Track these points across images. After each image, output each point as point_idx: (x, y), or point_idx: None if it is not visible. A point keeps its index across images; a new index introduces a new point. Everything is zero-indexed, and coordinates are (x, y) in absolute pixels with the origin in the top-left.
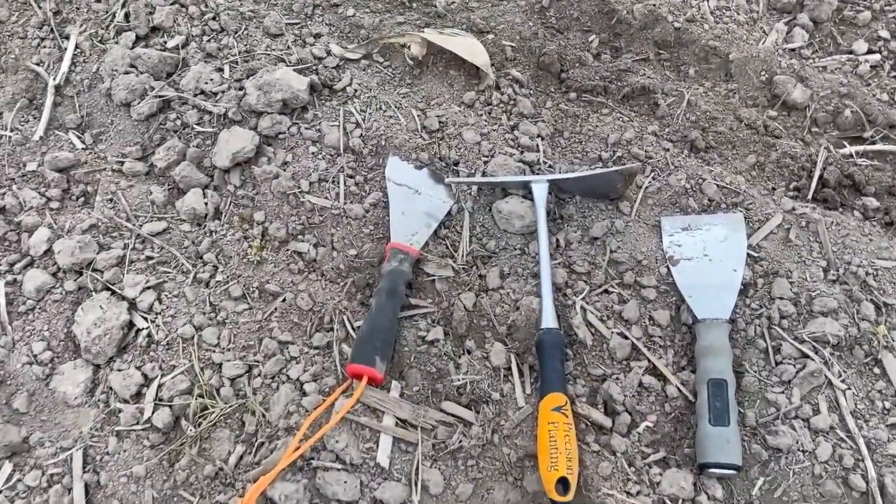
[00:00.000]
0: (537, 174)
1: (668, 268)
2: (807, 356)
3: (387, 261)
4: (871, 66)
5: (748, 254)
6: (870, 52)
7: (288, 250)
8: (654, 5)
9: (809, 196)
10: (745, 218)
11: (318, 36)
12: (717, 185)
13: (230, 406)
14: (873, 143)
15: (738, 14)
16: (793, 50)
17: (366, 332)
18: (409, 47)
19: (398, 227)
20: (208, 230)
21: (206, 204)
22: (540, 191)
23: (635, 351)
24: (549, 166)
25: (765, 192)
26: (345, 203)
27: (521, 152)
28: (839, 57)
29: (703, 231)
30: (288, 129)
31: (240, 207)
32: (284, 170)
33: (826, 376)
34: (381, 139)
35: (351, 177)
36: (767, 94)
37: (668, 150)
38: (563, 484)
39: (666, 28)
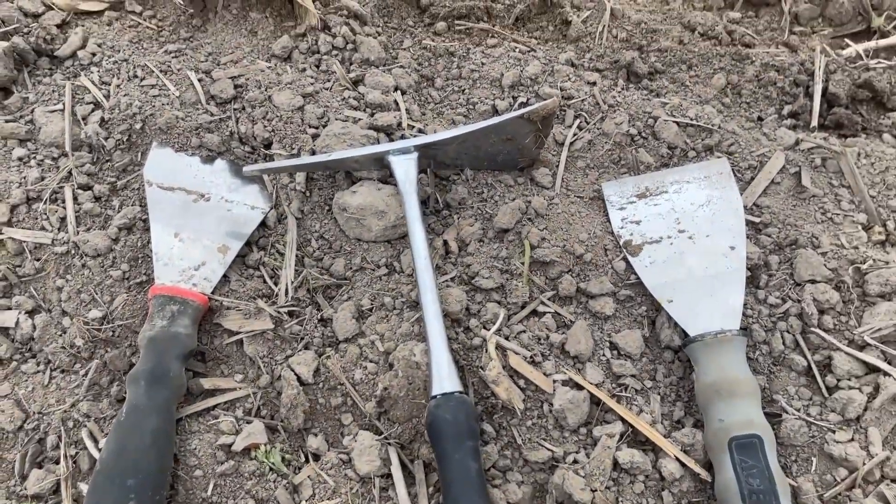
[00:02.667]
0: (398, 141)
1: (626, 260)
2: (876, 369)
3: (148, 319)
4: None
5: (746, 220)
6: None
7: None
8: None
9: (814, 122)
10: (731, 165)
11: None
12: (678, 123)
13: None
14: (885, 35)
15: None
16: None
17: (109, 463)
18: None
19: (168, 259)
20: None
21: None
22: (404, 167)
23: (597, 407)
24: (419, 130)
25: (749, 124)
26: (76, 233)
27: (371, 114)
28: None
29: (670, 194)
30: None
31: None
32: None
33: None
34: (135, 121)
35: (86, 188)
36: None
37: (594, 83)
38: None
39: None
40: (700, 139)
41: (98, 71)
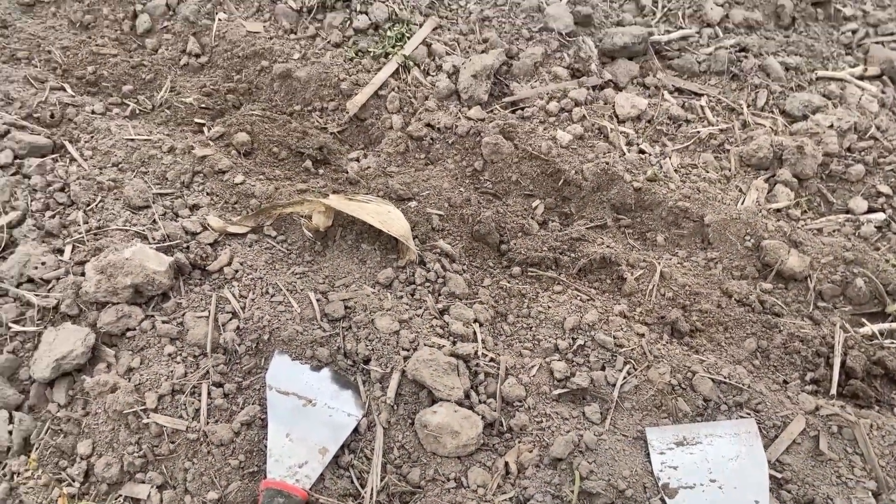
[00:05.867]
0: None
1: (662, 501)
2: None
3: None
4: (875, 227)
5: (769, 475)
6: (870, 210)
7: (119, 497)
8: (608, 164)
9: (833, 390)
10: (757, 422)
11: (195, 207)
12: (713, 380)
13: None
14: None
15: (708, 171)
16: (778, 210)
17: None
18: (309, 218)
19: (279, 456)
20: (8, 471)
21: (10, 433)
22: None
23: None
24: (491, 360)
25: (775, 386)
26: (206, 423)
27: (454, 342)
28: (835, 217)
29: (704, 445)
30: (139, 323)
31: (60, 436)
32: (128, 380)
33: None
34: (263, 332)
35: (219, 385)
36: (756, 263)
37: (642, 335)
38: None
39: (624, 189)
40: (732, 395)
41: (238, 285)
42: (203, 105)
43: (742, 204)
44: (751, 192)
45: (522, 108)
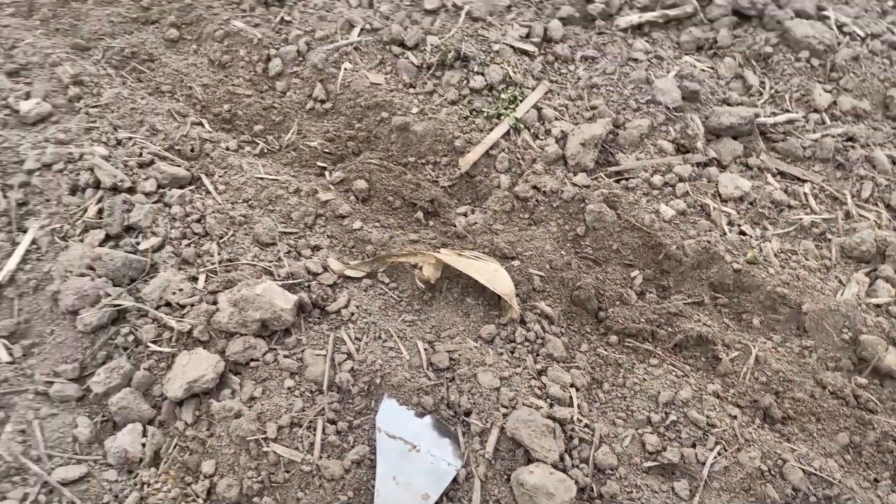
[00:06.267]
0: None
1: None
2: None
3: None
4: None
5: None
6: None
7: None
8: (709, 242)
9: None
10: None
11: (316, 248)
12: (804, 471)
13: None
14: None
15: (808, 259)
16: (878, 306)
17: None
18: (420, 268)
19: (386, 498)
20: (139, 481)
21: (143, 446)
22: None
23: None
24: (585, 426)
25: (866, 484)
26: (320, 457)
27: (551, 405)
28: None
29: None
30: (263, 355)
31: (186, 452)
32: (249, 408)
33: None
34: (375, 376)
35: (332, 422)
36: (853, 357)
37: (735, 417)
38: None
39: (723, 269)
40: (821, 488)
41: (353, 328)
42: (326, 150)
43: (841, 295)
44: (851, 285)
45: (627, 179)
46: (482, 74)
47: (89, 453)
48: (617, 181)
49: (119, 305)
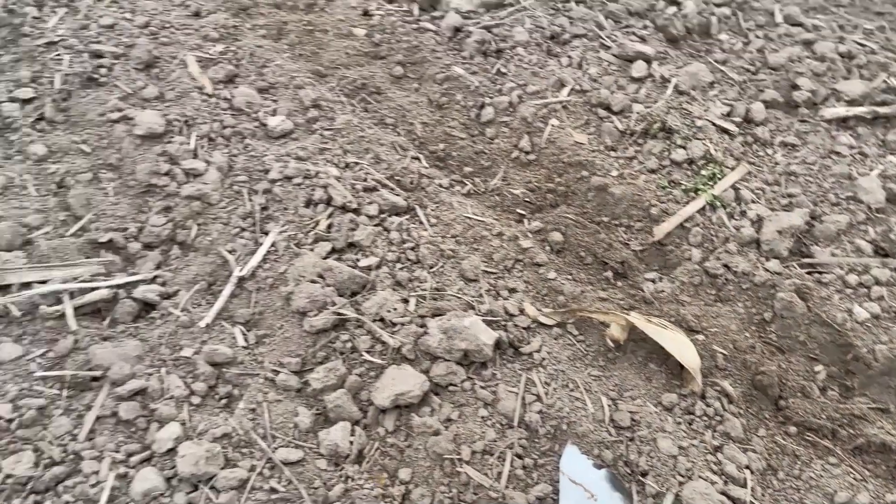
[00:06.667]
0: None
1: None
2: None
3: None
4: None
5: None
6: None
7: None
8: None
9: None
10: None
11: (513, 291)
12: None
13: None
14: None
15: None
16: None
17: None
18: (609, 326)
19: None
20: (345, 475)
21: (351, 443)
22: None
23: None
24: None
25: None
26: (506, 486)
27: (726, 482)
28: None
29: None
30: (461, 382)
31: (386, 457)
32: (446, 428)
33: None
34: (562, 422)
35: (520, 457)
36: None
37: None
38: None
39: None
40: None
41: (543, 373)
42: (526, 198)
43: None
44: None
45: (820, 273)
46: (684, 148)
47: (306, 441)
48: (810, 273)
49: (342, 315)
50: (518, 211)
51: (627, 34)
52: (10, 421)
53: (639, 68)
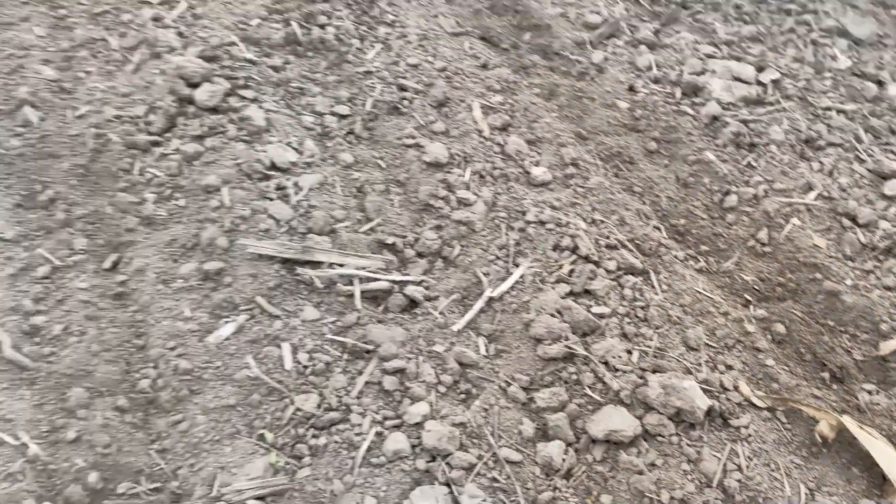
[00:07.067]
0: None
1: None
2: None
3: None
4: None
5: None
6: None
7: None
8: None
9: None
10: None
11: (729, 367)
12: None
13: None
14: None
15: None
16: None
17: None
18: (819, 423)
19: None
20: (554, 485)
21: (563, 460)
22: None
23: None
24: None
25: None
26: None
27: None
28: None
29: None
30: (670, 435)
31: (591, 481)
32: (650, 471)
33: None
34: (759, 496)
35: None
36: None
37: None
38: None
39: None
40: None
41: (748, 447)
42: (755, 286)
43: None
44: None
45: None
46: None
47: (525, 447)
48: None
49: (573, 350)
50: (745, 296)
51: (886, 151)
52: (305, 367)
53: (892, 187)
